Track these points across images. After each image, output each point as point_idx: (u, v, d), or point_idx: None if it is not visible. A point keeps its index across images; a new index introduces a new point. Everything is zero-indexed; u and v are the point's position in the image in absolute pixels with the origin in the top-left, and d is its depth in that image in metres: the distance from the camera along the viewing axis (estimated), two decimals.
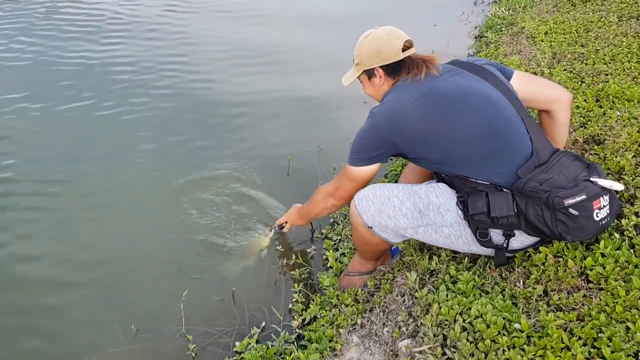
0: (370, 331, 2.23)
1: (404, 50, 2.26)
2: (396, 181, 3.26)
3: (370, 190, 2.29)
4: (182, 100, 4.87)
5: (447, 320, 1.99)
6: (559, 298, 1.97)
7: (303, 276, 2.92)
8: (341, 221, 3.21)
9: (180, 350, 2.55)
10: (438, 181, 2.27)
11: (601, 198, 1.95)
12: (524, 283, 2.12)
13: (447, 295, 2.11)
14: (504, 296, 2.06)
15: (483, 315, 1.94)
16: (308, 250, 3.08)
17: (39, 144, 4.19)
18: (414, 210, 2.20)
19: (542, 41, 4.56)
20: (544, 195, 1.94)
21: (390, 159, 3.45)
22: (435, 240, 2.25)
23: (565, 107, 2.37)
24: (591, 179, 1.97)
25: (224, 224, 3.34)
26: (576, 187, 1.94)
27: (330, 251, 2.91)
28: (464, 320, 1.96)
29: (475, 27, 6.42)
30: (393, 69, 2.28)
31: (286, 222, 2.95)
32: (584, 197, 1.90)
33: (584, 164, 2.09)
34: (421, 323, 2.06)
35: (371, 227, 2.30)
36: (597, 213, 1.94)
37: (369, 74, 2.35)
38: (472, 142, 2.08)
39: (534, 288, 2.05)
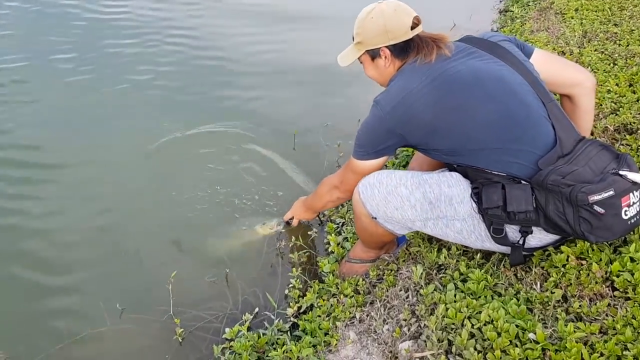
0: (369, 327, 2.06)
1: (412, 28, 2.04)
2: (406, 165, 3.05)
3: (376, 177, 2.09)
4: (186, 71, 4.69)
5: (453, 324, 1.81)
6: (580, 306, 1.77)
7: (302, 260, 2.74)
8: (346, 203, 3.01)
9: (167, 333, 2.40)
10: (450, 170, 2.07)
11: (631, 194, 1.75)
12: (541, 286, 1.93)
13: (455, 296, 1.92)
14: (518, 300, 1.87)
15: (494, 322, 1.75)
16: (309, 232, 2.89)
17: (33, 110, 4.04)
18: (424, 201, 2.00)
19: (572, 18, 4.27)
20: (567, 190, 1.74)
21: None
22: (445, 235, 2.05)
23: (588, 91, 2.15)
24: (620, 172, 1.77)
25: (226, 200, 3.17)
26: (603, 181, 1.74)
27: (333, 235, 2.73)
28: (472, 326, 1.77)
29: (500, 1, 6.09)
30: (401, 50, 2.06)
31: (292, 217, 2.80)
32: (611, 192, 1.70)
33: (613, 154, 1.88)
34: (425, 325, 1.87)
35: (375, 218, 2.11)
36: (625, 211, 1.74)
37: (373, 54, 2.12)
38: (487, 132, 1.89)
39: (552, 292, 1.86)
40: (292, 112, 4.06)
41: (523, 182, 1.86)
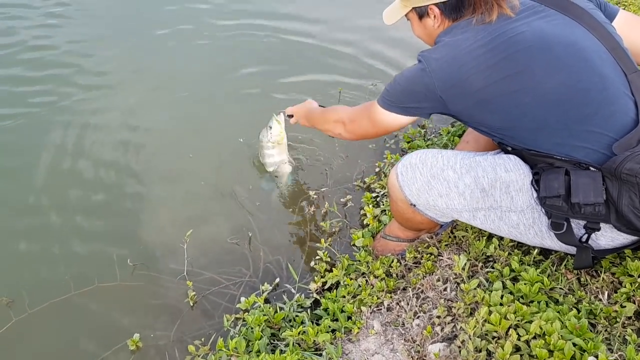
0: (397, 319, 1.79)
1: None
2: (462, 135, 2.69)
3: (419, 157, 1.77)
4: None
5: (496, 331, 1.51)
6: None
7: (334, 229, 2.48)
8: (388, 171, 2.70)
9: (179, 295, 2.23)
10: (505, 152, 1.73)
11: None
12: (609, 297, 1.60)
13: (502, 297, 1.61)
14: (579, 311, 1.55)
15: (546, 335, 1.44)
16: (343, 199, 2.61)
17: None
18: (475, 187, 1.67)
19: None
20: None
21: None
22: (497, 229, 1.73)
23: None
24: None
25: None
26: None
27: (370, 206, 2.44)
28: (519, 337, 1.47)
29: None
30: (453, 8, 1.70)
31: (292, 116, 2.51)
32: None
33: None
34: (462, 327, 1.58)
35: (414, 205, 1.80)
36: None
37: (420, 12, 1.78)
38: (549, 108, 1.54)
39: (622, 306, 1.53)
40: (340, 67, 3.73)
41: (592, 168, 1.52)
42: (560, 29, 1.60)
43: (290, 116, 2.51)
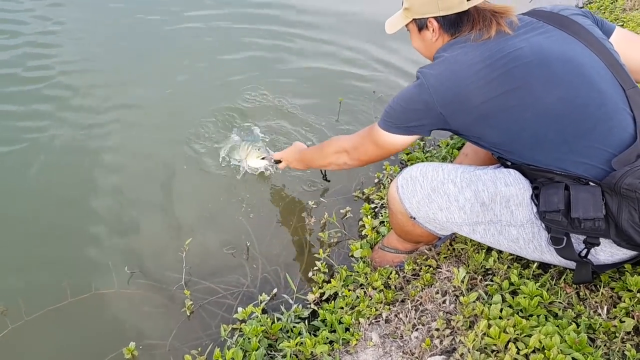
0: (395, 331, 1.78)
1: None
2: (461, 147, 2.70)
3: (420, 170, 1.77)
4: None
5: (495, 345, 1.50)
6: None
7: (332, 240, 2.47)
8: (388, 182, 2.70)
9: (176, 304, 2.21)
10: (505, 167, 1.73)
11: None
12: (608, 312, 1.59)
13: (501, 310, 1.60)
14: (578, 326, 1.54)
15: (545, 350, 1.43)
16: (342, 210, 2.60)
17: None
18: (475, 201, 1.67)
19: None
20: None
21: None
22: (497, 243, 1.73)
23: None
24: None
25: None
26: None
27: (369, 217, 2.44)
28: (518, 351, 1.46)
29: None
30: (452, 23, 1.73)
31: (281, 161, 2.51)
32: None
33: None
34: (460, 340, 1.58)
35: (414, 218, 1.80)
36: None
37: (420, 24, 1.80)
38: (548, 123, 1.54)
39: (621, 321, 1.52)
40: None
41: (591, 183, 1.52)
42: (559, 45, 1.61)
43: (278, 162, 2.53)
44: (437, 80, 1.63)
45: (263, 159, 2.68)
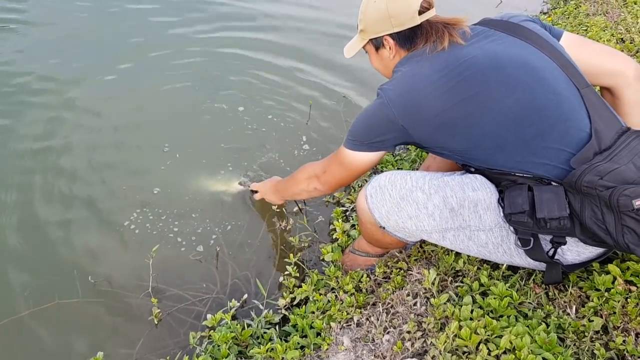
0: (366, 334, 1.76)
1: (421, 12, 1.71)
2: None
3: (388, 178, 1.77)
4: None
5: (466, 346, 1.50)
6: (624, 342, 1.45)
7: (303, 244, 2.45)
8: (358, 186, 2.69)
9: (143, 312, 2.15)
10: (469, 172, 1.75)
11: None
12: (577, 311, 1.60)
13: (472, 312, 1.60)
14: (547, 326, 1.55)
15: (516, 350, 1.44)
16: (315, 212, 2.58)
17: None
18: (444, 208, 1.68)
19: (636, 3, 3.81)
20: (605, 193, 1.41)
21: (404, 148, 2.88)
22: (467, 248, 1.73)
23: (631, 81, 1.78)
24: None
25: (223, 162, 2.88)
26: None
27: (339, 220, 2.42)
28: (489, 352, 1.47)
29: None
30: (406, 38, 1.75)
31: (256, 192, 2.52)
32: None
33: None
34: (432, 342, 1.57)
35: (384, 228, 1.80)
36: None
37: (377, 43, 1.82)
38: (507, 127, 1.56)
39: (590, 321, 1.54)
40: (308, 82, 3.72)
41: (554, 183, 1.54)
42: (512, 49, 1.64)
43: (255, 192, 2.52)
44: (396, 94, 1.64)
45: (240, 184, 2.70)
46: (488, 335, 1.50)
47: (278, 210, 2.61)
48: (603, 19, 3.68)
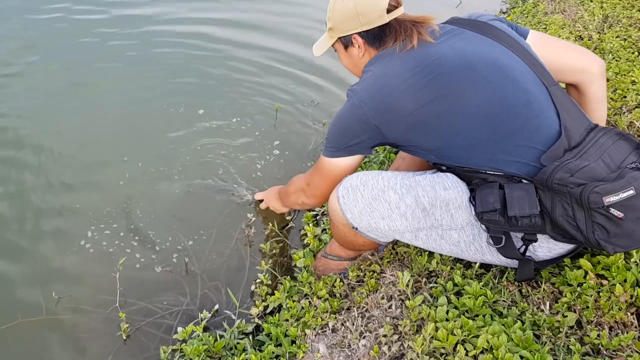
0: (342, 340, 1.73)
1: (389, 11, 1.72)
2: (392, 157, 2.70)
3: (360, 178, 1.76)
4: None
5: (444, 348, 1.49)
6: (599, 336, 1.46)
7: (274, 251, 2.41)
8: None
9: (111, 327, 2.08)
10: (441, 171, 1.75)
11: None
12: (550, 307, 1.61)
13: (447, 312, 1.59)
14: (523, 323, 1.54)
15: (494, 349, 1.43)
16: (289, 217, 2.54)
17: None
18: (416, 207, 1.67)
19: (592, 1, 3.90)
20: (576, 190, 1.43)
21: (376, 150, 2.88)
22: (439, 248, 1.73)
23: (596, 77, 1.82)
24: None
25: (190, 174, 2.82)
26: (621, 178, 1.43)
27: (310, 225, 2.39)
28: (466, 353, 1.45)
29: None
30: (375, 37, 1.75)
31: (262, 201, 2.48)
32: (631, 192, 1.40)
33: (633, 144, 1.57)
34: (409, 345, 1.55)
35: (356, 228, 1.78)
36: None
37: (345, 42, 1.82)
38: (478, 125, 1.57)
39: (564, 316, 1.54)
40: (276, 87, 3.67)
41: (524, 181, 1.55)
42: (481, 48, 1.65)
43: (260, 201, 2.48)
44: (368, 94, 1.63)
45: (242, 198, 2.66)
46: (465, 336, 1.49)
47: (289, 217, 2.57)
48: (561, 17, 3.75)
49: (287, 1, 4.80)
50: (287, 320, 1.93)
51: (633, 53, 2.96)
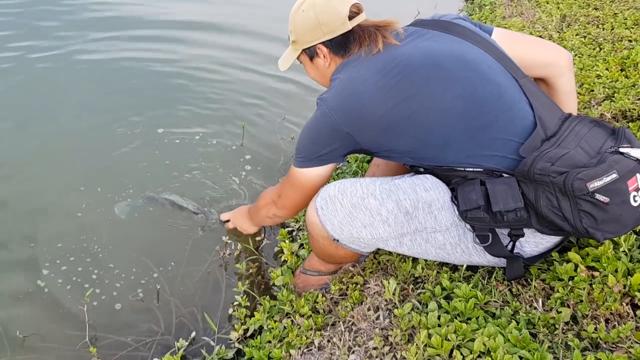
0: (330, 357, 1.64)
1: (350, 17, 1.69)
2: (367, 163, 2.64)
3: (337, 188, 1.69)
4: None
5: (439, 355, 1.41)
6: (596, 329, 1.40)
7: (251, 271, 2.31)
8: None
9: None
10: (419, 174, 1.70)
11: (638, 175, 1.42)
12: (543, 304, 1.55)
13: (439, 318, 1.51)
14: (518, 323, 1.48)
15: (492, 352, 1.36)
16: (258, 237, 2.44)
17: None
18: (398, 212, 1.61)
19: (548, 3, 3.96)
20: (559, 179, 1.39)
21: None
22: (425, 252, 1.67)
23: (564, 70, 1.81)
24: (621, 149, 1.44)
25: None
26: (602, 162, 1.40)
27: (286, 241, 2.29)
28: (463, 358, 1.37)
29: None
30: (340, 45, 1.72)
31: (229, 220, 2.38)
32: (614, 175, 1.37)
33: (608, 130, 1.56)
34: (402, 356, 1.47)
35: (337, 240, 1.71)
36: (634, 196, 1.41)
37: (310, 53, 1.79)
38: (452, 122, 1.54)
39: (558, 312, 1.48)
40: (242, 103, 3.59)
41: (505, 175, 1.50)
42: (447, 45, 1.63)
43: (227, 221, 2.38)
44: (337, 101, 1.59)
45: (198, 213, 2.55)
46: (460, 341, 1.42)
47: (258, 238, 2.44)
48: (520, 19, 3.79)
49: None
50: (269, 342, 1.83)
51: (594, 49, 2.99)
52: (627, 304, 1.46)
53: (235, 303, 2.09)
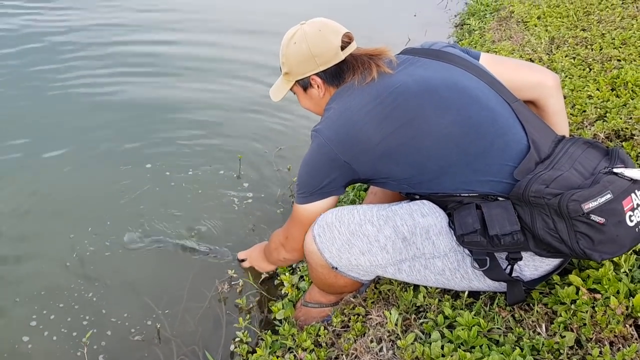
0: None
1: (343, 48, 1.72)
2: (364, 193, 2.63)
3: (334, 215, 1.70)
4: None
5: None
6: (601, 353, 1.39)
7: (252, 305, 2.29)
8: None
9: None
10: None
11: (633, 195, 1.42)
12: (547, 329, 1.53)
13: (442, 347, 1.50)
14: (522, 349, 1.46)
15: None
16: (257, 271, 2.42)
17: None
18: (396, 238, 1.61)
19: (536, 26, 4.02)
20: (554, 201, 1.39)
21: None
22: (424, 279, 1.67)
23: (553, 91, 1.82)
24: (615, 169, 1.45)
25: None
26: (596, 183, 1.41)
27: (286, 274, 2.28)
28: None
29: (456, 15, 5.86)
30: (334, 75, 1.74)
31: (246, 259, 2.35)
32: (609, 196, 1.37)
33: (602, 151, 1.57)
34: None
35: (336, 268, 1.70)
36: (630, 216, 1.41)
37: (304, 84, 1.80)
38: (448, 147, 1.55)
39: (562, 337, 1.47)
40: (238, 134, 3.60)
41: (500, 198, 1.51)
42: (439, 73, 1.65)
43: (243, 260, 2.37)
44: (332, 131, 1.60)
45: (208, 254, 2.53)
46: None
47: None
48: (509, 43, 3.84)
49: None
50: None
51: (584, 69, 3.02)
52: (630, 326, 1.45)
53: (237, 339, 2.08)
